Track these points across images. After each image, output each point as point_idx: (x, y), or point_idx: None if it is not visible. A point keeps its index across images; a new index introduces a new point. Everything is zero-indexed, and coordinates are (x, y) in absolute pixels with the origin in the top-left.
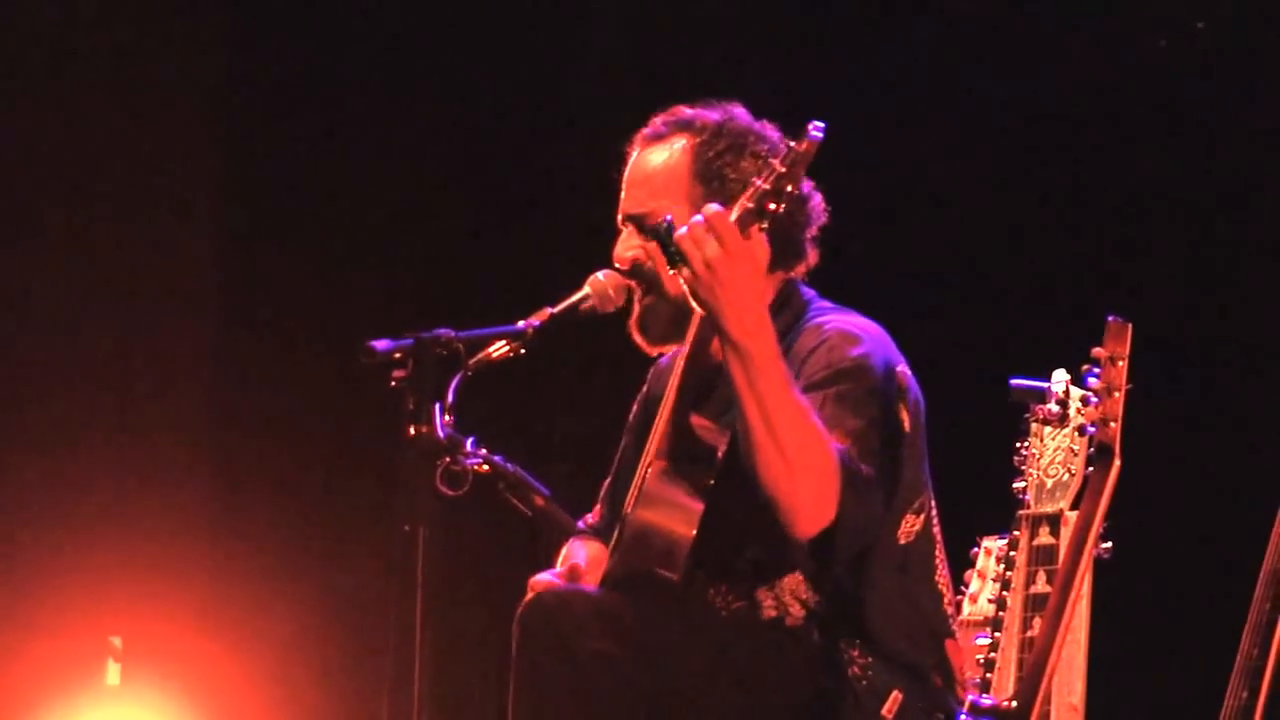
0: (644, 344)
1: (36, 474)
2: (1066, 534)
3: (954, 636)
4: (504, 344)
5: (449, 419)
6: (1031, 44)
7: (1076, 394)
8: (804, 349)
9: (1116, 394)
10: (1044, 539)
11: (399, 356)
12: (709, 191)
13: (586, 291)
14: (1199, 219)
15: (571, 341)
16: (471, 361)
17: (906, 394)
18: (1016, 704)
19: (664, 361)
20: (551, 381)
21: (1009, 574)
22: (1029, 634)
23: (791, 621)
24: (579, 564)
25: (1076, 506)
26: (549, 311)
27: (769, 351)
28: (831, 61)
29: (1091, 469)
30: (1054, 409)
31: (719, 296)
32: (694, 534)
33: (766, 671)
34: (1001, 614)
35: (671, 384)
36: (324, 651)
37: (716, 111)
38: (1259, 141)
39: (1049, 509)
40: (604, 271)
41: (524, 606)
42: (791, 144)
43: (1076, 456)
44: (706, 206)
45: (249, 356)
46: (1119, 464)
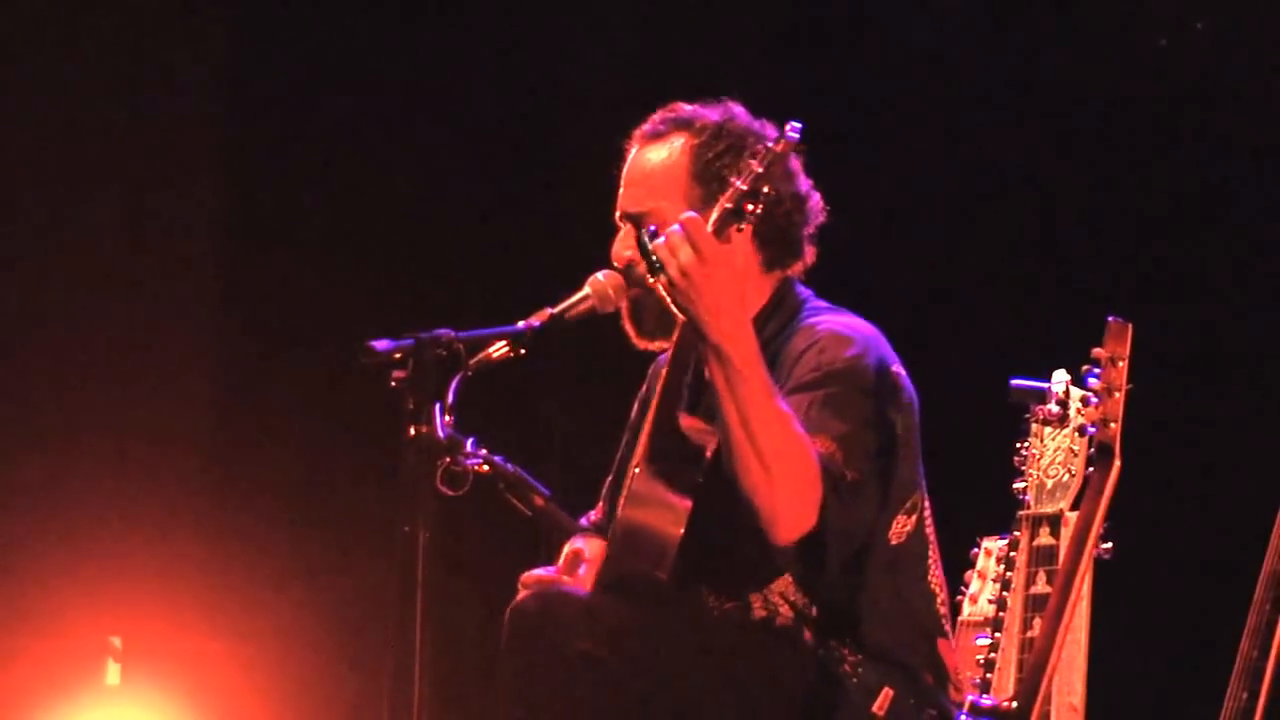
0: (636, 338)
1: (37, 473)
2: (1067, 534)
3: (947, 636)
4: (504, 344)
5: (449, 419)
6: (1031, 43)
7: (1077, 394)
8: (796, 350)
9: (1117, 394)
10: (1044, 539)
11: (399, 357)
12: (707, 193)
13: (587, 292)
14: (1199, 219)
15: (571, 342)
16: (472, 362)
17: (899, 395)
18: (1016, 704)
19: (662, 360)
20: (551, 382)
21: (1009, 574)
22: (1029, 634)
23: (781, 621)
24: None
25: (1077, 507)
26: (549, 312)
27: (748, 357)
28: (831, 61)
29: (1092, 469)
30: (1054, 409)
31: (696, 303)
32: (681, 533)
33: (757, 671)
34: (1002, 614)
35: (658, 385)
36: (324, 651)
37: (716, 111)
38: (1259, 141)
39: (1049, 509)
40: (604, 272)
41: (510, 608)
42: (769, 144)
43: (1077, 457)
44: (683, 214)
45: (249, 356)
46: (1119, 464)
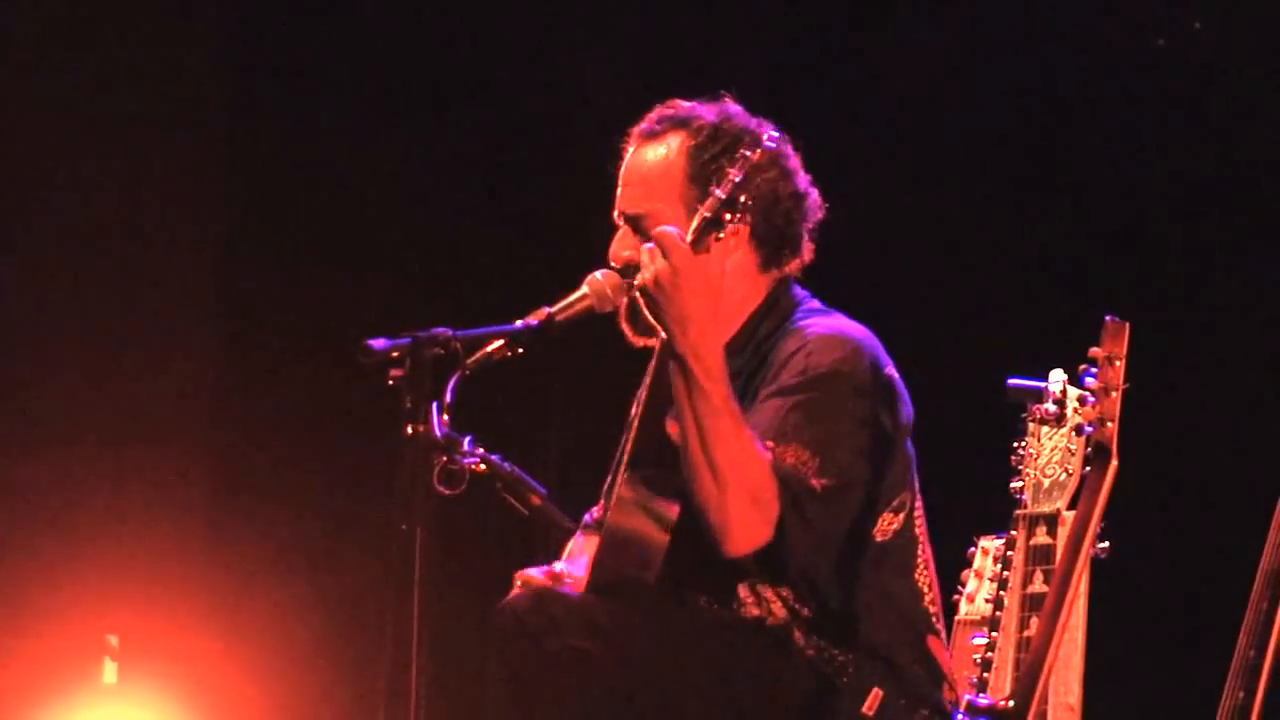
0: (632, 335)
1: (33, 472)
2: (1063, 534)
3: (938, 634)
4: (501, 343)
5: (446, 418)
6: (1030, 43)
7: (1074, 394)
8: (785, 352)
9: (1114, 394)
10: (1041, 539)
11: (396, 355)
12: (702, 193)
13: (585, 291)
14: (1197, 218)
15: (569, 341)
16: (469, 361)
17: (890, 397)
18: (1013, 704)
19: None
20: (549, 381)
21: (1006, 574)
22: (1026, 634)
23: (774, 621)
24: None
25: (1074, 506)
26: (546, 311)
27: (711, 370)
28: (830, 61)
29: (1089, 469)
30: (1051, 409)
31: (665, 311)
32: (668, 538)
33: (748, 671)
34: (998, 614)
35: (642, 389)
36: (321, 650)
37: (713, 110)
38: (1258, 141)
39: (1046, 509)
40: (602, 271)
41: (502, 605)
42: (747, 153)
43: (1074, 456)
44: (659, 226)
45: (246, 355)
46: (1116, 464)
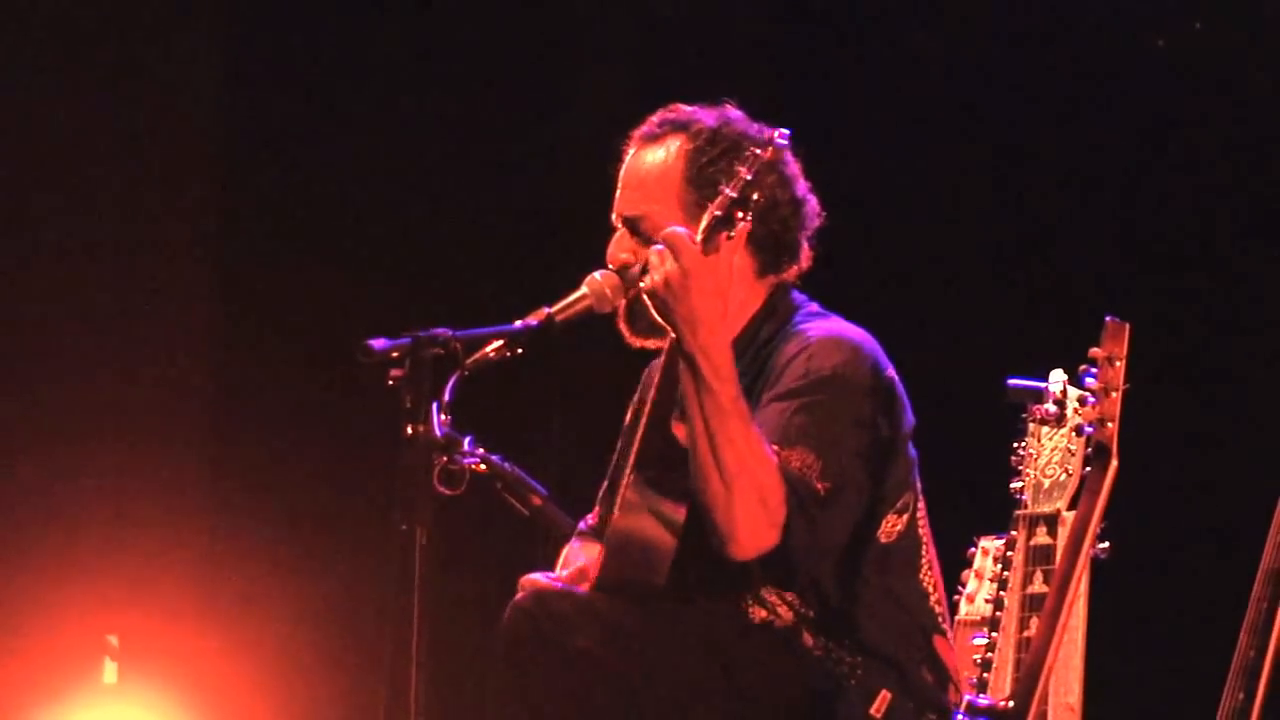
0: (630, 337)
1: (33, 472)
2: (1064, 534)
3: (944, 634)
4: (501, 343)
5: (446, 418)
6: (1029, 44)
7: (1074, 394)
8: (786, 355)
9: (1114, 394)
10: (1041, 539)
11: (396, 355)
12: (701, 197)
13: (584, 291)
14: (1196, 219)
15: (569, 341)
16: (469, 361)
17: (891, 400)
18: (1013, 704)
19: (656, 364)
20: (549, 381)
21: (1006, 574)
22: (1026, 634)
23: (780, 624)
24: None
25: (1074, 506)
26: (546, 311)
27: (721, 371)
28: (828, 62)
29: (1089, 469)
30: (1051, 409)
31: (674, 312)
32: (676, 541)
33: (755, 672)
34: (999, 614)
35: (650, 392)
36: (321, 650)
37: (712, 115)
38: (1257, 141)
39: (1046, 509)
40: (601, 272)
41: (509, 607)
42: (757, 152)
43: (1074, 456)
44: (668, 228)
45: (246, 355)
46: (1116, 464)
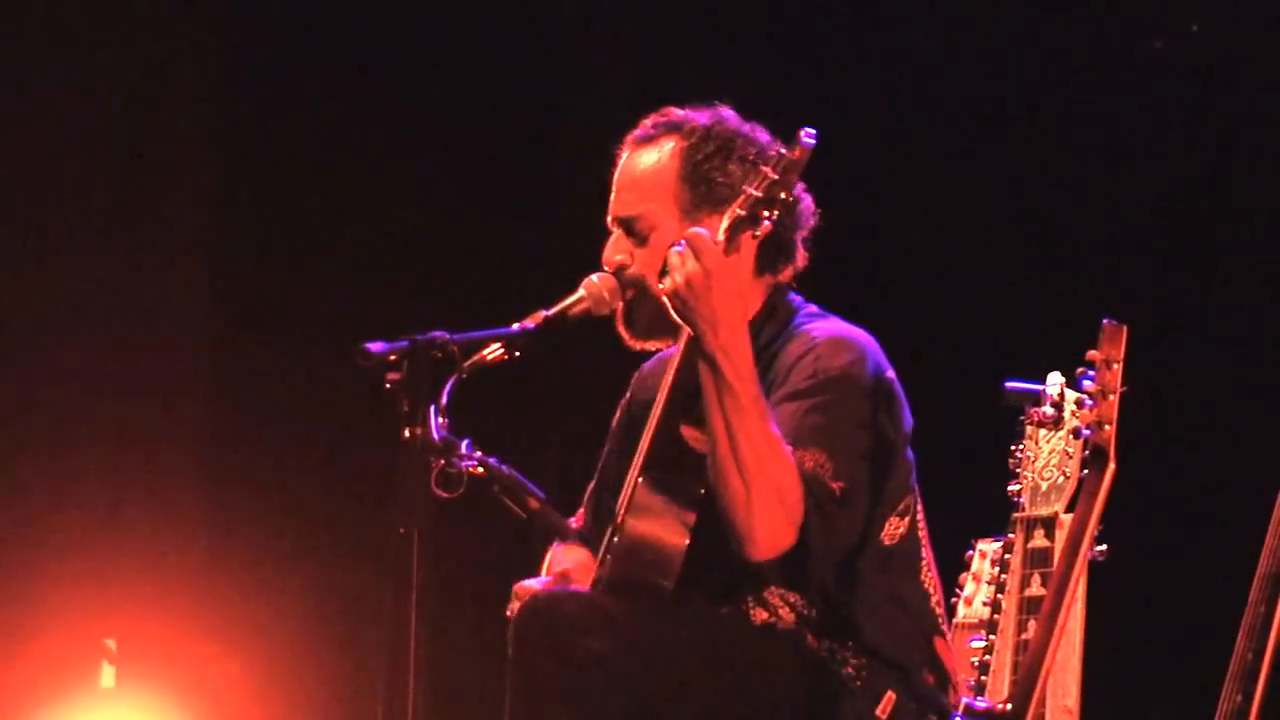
0: (629, 339)
1: (31, 476)
2: (1061, 537)
3: (944, 635)
4: (499, 346)
5: (444, 421)
6: (1028, 46)
7: (1071, 397)
8: (792, 356)
9: (1111, 397)
10: (1039, 542)
11: (394, 359)
12: (696, 195)
13: (581, 294)
14: (1195, 221)
15: (566, 344)
16: (466, 364)
17: (893, 402)
18: (1011, 707)
19: (647, 368)
20: (546, 384)
21: (1004, 577)
22: (1024, 637)
23: (784, 626)
24: (569, 570)
25: (1071, 509)
26: (543, 314)
27: (742, 372)
28: (825, 62)
29: (1086, 472)
30: (1049, 412)
31: (695, 312)
32: (686, 544)
33: (761, 673)
34: (996, 617)
35: (661, 394)
36: (319, 653)
37: (705, 114)
38: (1256, 142)
39: (1044, 512)
40: (598, 274)
41: (518, 608)
42: (783, 151)
43: (1071, 459)
44: (690, 229)
45: (244, 358)
46: (1114, 467)
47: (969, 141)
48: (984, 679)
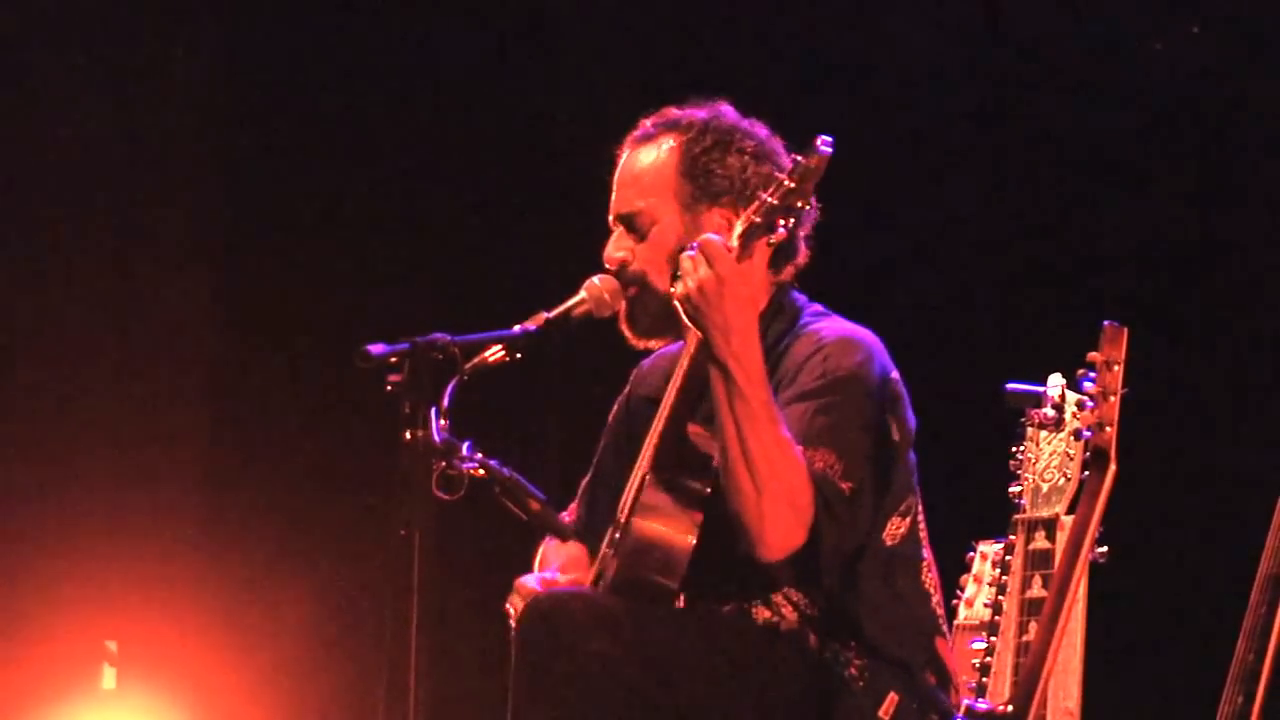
0: (632, 337)
1: (32, 479)
2: (1062, 538)
3: (945, 635)
4: (500, 348)
5: (445, 423)
6: (1026, 47)
7: (1072, 398)
8: (800, 355)
9: (1112, 398)
10: (1040, 543)
11: (395, 361)
12: (696, 188)
13: (583, 296)
14: (1196, 223)
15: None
16: (467, 366)
17: (898, 403)
18: (1012, 709)
19: (646, 364)
20: (547, 386)
21: (1005, 578)
22: (1025, 639)
23: (786, 626)
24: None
25: (1072, 511)
26: (545, 316)
27: (753, 377)
28: (825, 63)
29: (1087, 473)
30: (1050, 413)
31: (707, 318)
32: (693, 543)
33: (764, 674)
34: (997, 619)
35: (668, 393)
36: (319, 656)
37: (703, 110)
38: (1255, 143)
39: (1045, 513)
40: (600, 276)
41: (522, 609)
42: (799, 158)
43: (1072, 461)
44: (704, 235)
45: (244, 361)
46: (1114, 468)
47: (969, 142)
48: (985, 681)
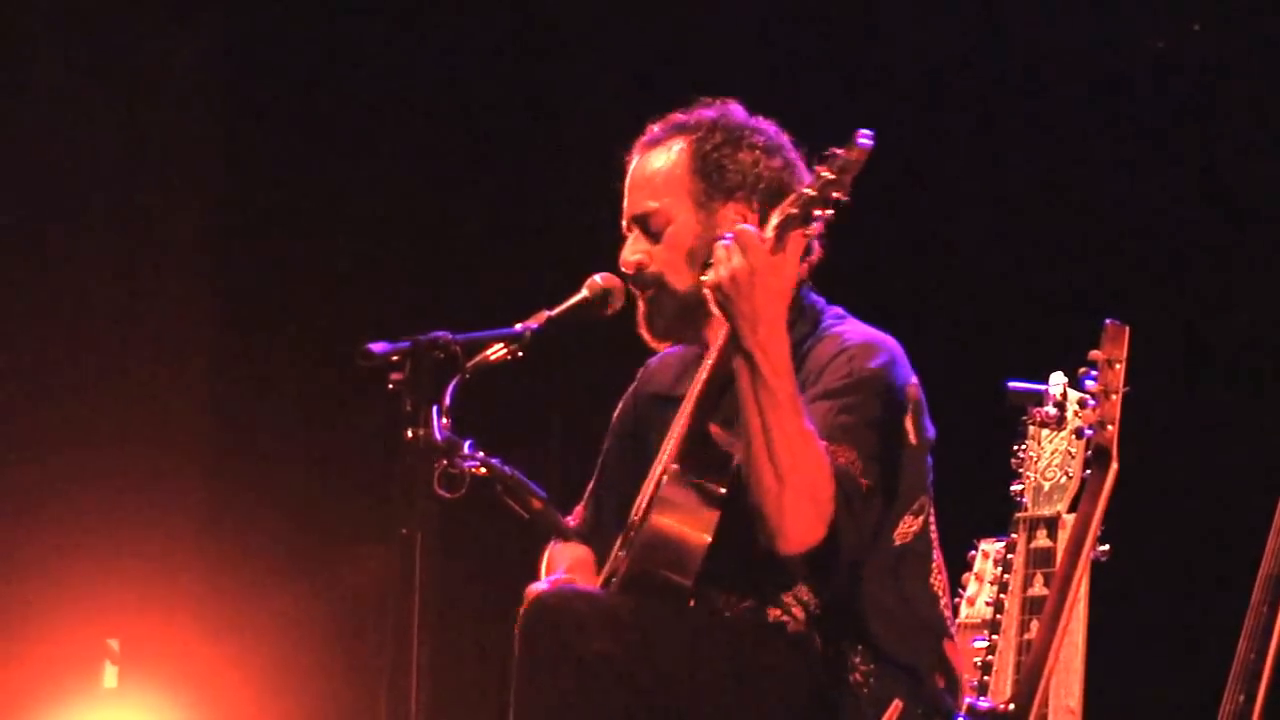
0: (651, 339)
1: (34, 477)
2: (1064, 537)
3: (952, 638)
4: (501, 347)
5: (446, 422)
6: (1028, 47)
7: (1074, 397)
8: (824, 356)
9: (1114, 397)
10: (1041, 542)
11: (397, 359)
12: (709, 185)
13: (584, 294)
14: (1196, 221)
15: (570, 344)
16: (469, 364)
17: (918, 408)
18: (1014, 707)
19: (654, 362)
20: (549, 384)
21: (1006, 577)
22: (1026, 637)
23: (794, 626)
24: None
25: (1074, 509)
26: (546, 314)
27: (779, 369)
28: (827, 64)
29: (1089, 472)
30: (1051, 412)
31: (736, 308)
32: (708, 541)
33: (769, 675)
34: (999, 617)
35: (692, 391)
36: (321, 654)
37: (712, 109)
38: (1258, 142)
39: (1046, 512)
40: (602, 274)
41: (526, 606)
42: (839, 151)
43: (1074, 459)
44: (738, 225)
45: (246, 359)
46: (1116, 467)
47: (970, 142)
48: (987, 679)
